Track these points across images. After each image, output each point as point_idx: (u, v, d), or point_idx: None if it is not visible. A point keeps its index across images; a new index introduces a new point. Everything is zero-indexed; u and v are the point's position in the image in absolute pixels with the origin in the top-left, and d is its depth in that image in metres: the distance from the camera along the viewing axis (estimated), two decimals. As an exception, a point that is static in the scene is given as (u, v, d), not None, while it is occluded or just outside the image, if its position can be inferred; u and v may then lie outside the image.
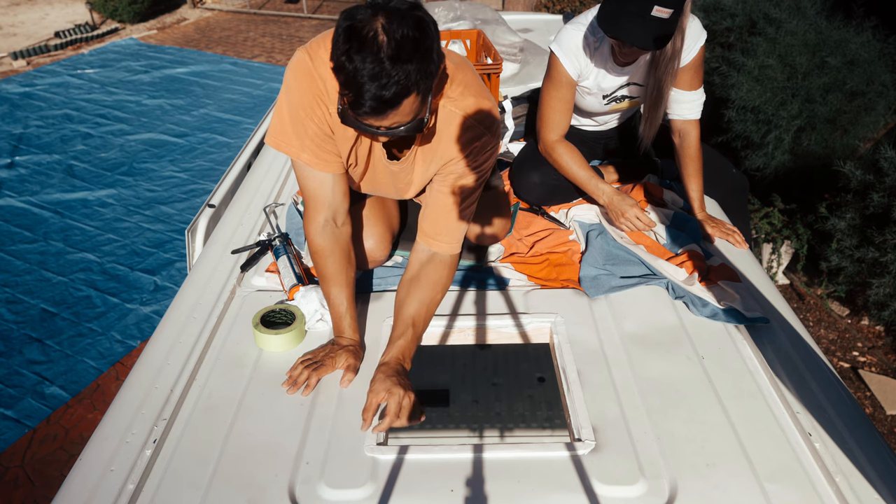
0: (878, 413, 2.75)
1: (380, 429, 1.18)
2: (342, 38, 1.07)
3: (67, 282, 3.58)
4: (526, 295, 1.54)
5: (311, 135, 1.32)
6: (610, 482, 1.08)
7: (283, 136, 1.34)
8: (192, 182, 4.62)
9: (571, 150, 1.84)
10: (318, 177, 1.37)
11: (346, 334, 1.36)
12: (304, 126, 1.31)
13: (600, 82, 1.80)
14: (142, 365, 1.33)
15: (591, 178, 1.80)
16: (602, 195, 1.78)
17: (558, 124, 1.82)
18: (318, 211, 1.39)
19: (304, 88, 1.29)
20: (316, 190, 1.38)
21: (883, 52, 2.98)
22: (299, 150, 1.34)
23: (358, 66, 1.05)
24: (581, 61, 1.74)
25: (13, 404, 2.81)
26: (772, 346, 1.38)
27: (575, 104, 1.90)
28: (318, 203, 1.38)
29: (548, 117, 1.82)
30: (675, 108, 1.80)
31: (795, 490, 1.07)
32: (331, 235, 1.39)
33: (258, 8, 8.91)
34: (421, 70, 1.08)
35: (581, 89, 1.83)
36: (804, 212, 3.21)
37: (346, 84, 1.09)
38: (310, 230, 1.40)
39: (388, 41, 1.04)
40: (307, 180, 1.38)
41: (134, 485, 1.07)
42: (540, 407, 2.32)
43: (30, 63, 6.86)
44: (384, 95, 1.07)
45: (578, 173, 1.82)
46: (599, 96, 1.84)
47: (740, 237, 1.75)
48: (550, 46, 1.76)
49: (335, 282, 1.38)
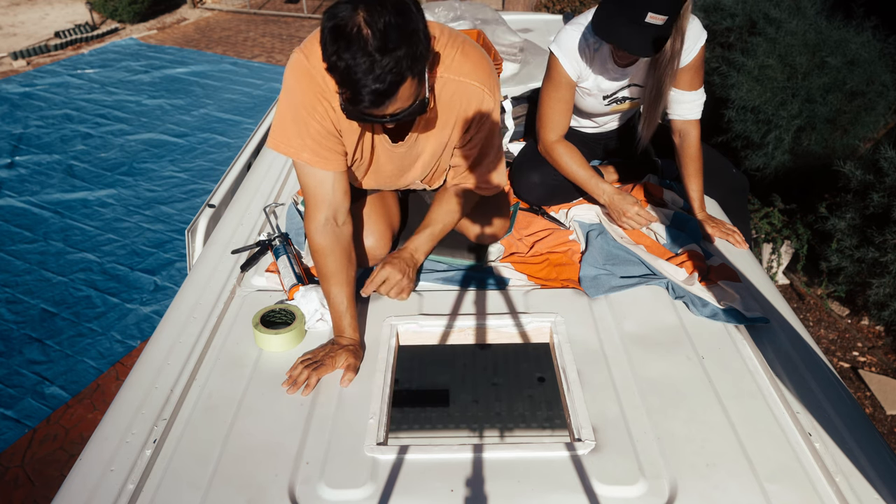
0: (878, 413, 2.75)
1: (364, 291, 1.44)
2: (329, 38, 1.08)
3: (67, 282, 3.58)
4: (526, 295, 1.54)
5: (314, 133, 1.33)
6: (610, 482, 1.08)
7: (284, 137, 1.35)
8: (192, 182, 4.62)
9: (571, 150, 1.84)
10: (319, 175, 1.37)
11: (346, 334, 1.36)
12: (307, 125, 1.32)
13: (600, 83, 1.80)
14: (142, 365, 1.33)
15: (592, 178, 1.80)
16: (603, 194, 1.78)
17: (557, 124, 1.82)
18: (319, 209, 1.39)
19: (304, 88, 1.30)
20: (316, 188, 1.38)
21: (883, 52, 2.98)
22: (300, 149, 1.35)
23: (349, 63, 1.06)
24: (581, 62, 1.74)
25: (13, 404, 2.81)
26: (772, 346, 1.38)
27: (575, 105, 1.90)
28: (318, 201, 1.39)
29: (547, 117, 1.82)
30: (675, 108, 1.80)
31: (795, 490, 1.07)
32: (331, 234, 1.40)
33: (258, 8, 8.91)
34: (410, 54, 1.10)
35: (581, 90, 1.83)
36: (804, 212, 3.21)
37: (342, 83, 1.11)
38: (310, 229, 1.40)
39: (372, 33, 1.05)
40: (308, 178, 1.38)
41: (134, 485, 1.07)
42: (540, 407, 2.32)
43: (30, 63, 6.86)
44: (380, 88, 1.09)
45: (578, 172, 1.82)
46: (600, 97, 1.84)
47: (740, 237, 1.75)
48: (550, 47, 1.76)
49: (335, 281, 1.38)
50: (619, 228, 1.78)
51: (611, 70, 1.76)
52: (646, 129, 1.84)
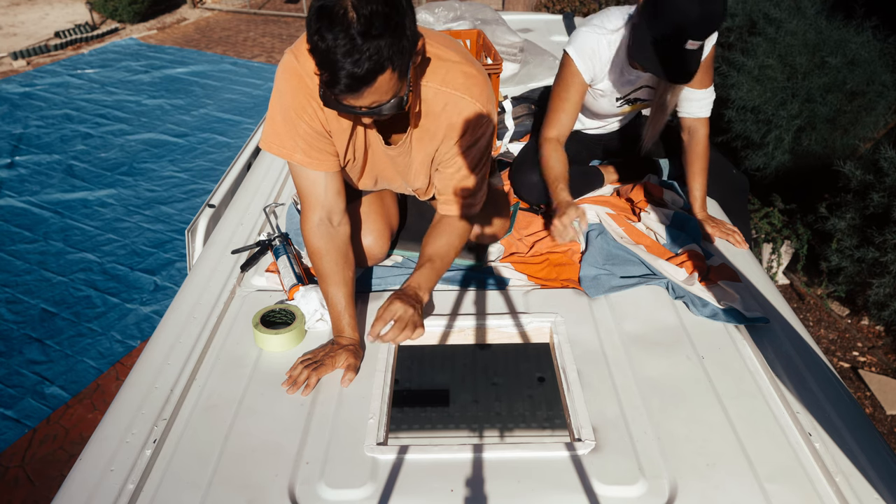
0: (878, 413, 2.75)
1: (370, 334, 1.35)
2: (314, 17, 1.09)
3: (67, 282, 3.58)
4: (526, 295, 1.54)
5: (303, 134, 1.33)
6: (610, 482, 1.08)
7: (276, 138, 1.35)
8: (192, 182, 4.62)
9: (559, 154, 1.79)
10: (311, 176, 1.38)
11: (345, 333, 1.36)
12: (296, 126, 1.33)
13: (615, 85, 1.79)
14: (142, 365, 1.33)
15: (558, 184, 1.72)
16: (556, 199, 1.70)
17: (560, 123, 1.81)
18: (313, 210, 1.40)
19: (293, 89, 1.31)
20: (309, 189, 1.39)
21: (883, 52, 2.98)
22: (292, 150, 1.35)
23: (330, 44, 1.07)
24: (597, 65, 1.73)
25: (13, 404, 2.81)
26: (772, 346, 1.38)
27: (586, 107, 1.90)
28: (312, 202, 1.40)
29: (552, 115, 1.81)
30: (685, 105, 1.80)
31: (795, 490, 1.07)
32: (326, 234, 1.40)
33: (258, 8, 8.91)
34: (393, 45, 1.09)
35: (594, 91, 1.83)
36: (804, 212, 3.21)
37: (320, 63, 1.11)
38: (306, 230, 1.41)
39: (357, 17, 1.06)
40: (301, 179, 1.39)
41: (134, 485, 1.07)
42: (540, 407, 2.32)
43: (30, 63, 6.86)
44: (357, 72, 1.08)
45: (549, 174, 1.75)
46: (613, 98, 1.84)
47: (740, 237, 1.75)
48: (566, 48, 1.74)
49: (332, 281, 1.38)
50: (619, 228, 1.78)
51: (626, 73, 1.75)
52: (650, 131, 1.83)
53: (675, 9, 1.47)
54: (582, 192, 1.94)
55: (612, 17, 1.71)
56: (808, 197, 3.22)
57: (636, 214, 1.86)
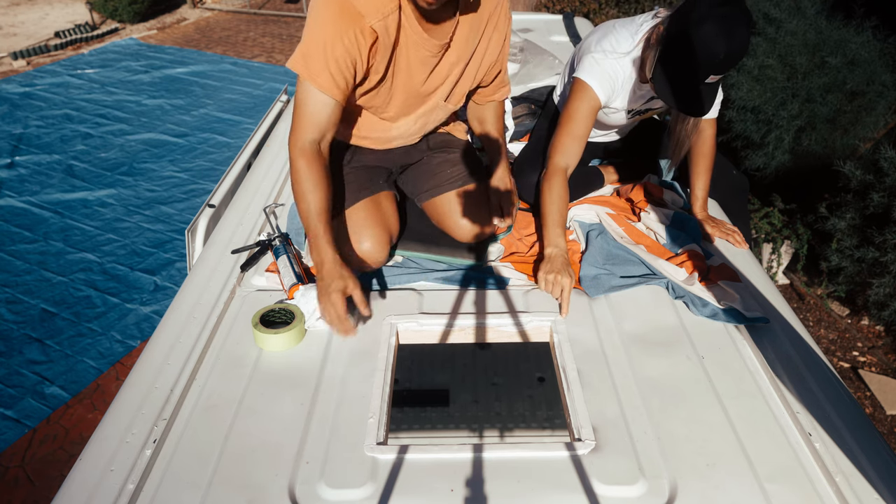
0: (878, 413, 2.75)
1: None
2: None
3: (67, 282, 3.58)
4: (526, 294, 1.54)
5: (337, 57, 1.36)
6: (610, 482, 1.08)
7: (304, 59, 1.37)
8: (192, 182, 4.63)
9: (563, 192, 1.71)
10: (323, 99, 1.40)
11: (325, 258, 1.38)
12: (333, 48, 1.35)
13: (629, 102, 1.80)
14: (142, 365, 1.33)
15: (554, 227, 1.64)
16: (549, 246, 1.62)
17: (570, 152, 1.74)
18: (308, 131, 1.42)
19: (334, 14, 1.34)
20: (315, 111, 1.41)
21: (883, 52, 2.98)
22: (319, 72, 1.37)
23: None
24: (616, 90, 1.73)
25: (13, 404, 2.81)
26: (772, 346, 1.38)
27: (597, 120, 1.89)
28: (311, 123, 1.42)
29: (563, 140, 1.75)
30: None
31: (795, 490, 1.07)
32: (315, 152, 1.43)
33: (258, 8, 8.91)
34: None
35: (607, 109, 1.83)
36: (804, 212, 3.22)
37: None
38: (295, 145, 1.42)
39: None
40: (309, 99, 1.41)
41: (134, 485, 1.07)
42: (540, 407, 2.32)
43: (30, 63, 6.86)
44: None
45: (547, 210, 1.68)
46: (623, 112, 1.84)
47: (740, 237, 1.75)
48: (582, 77, 1.71)
49: (311, 199, 1.41)
50: (619, 228, 1.78)
51: (638, 89, 1.76)
52: (673, 160, 1.83)
53: (702, 45, 1.45)
54: (582, 192, 1.94)
55: (620, 38, 1.69)
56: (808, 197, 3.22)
57: (636, 214, 1.86)
